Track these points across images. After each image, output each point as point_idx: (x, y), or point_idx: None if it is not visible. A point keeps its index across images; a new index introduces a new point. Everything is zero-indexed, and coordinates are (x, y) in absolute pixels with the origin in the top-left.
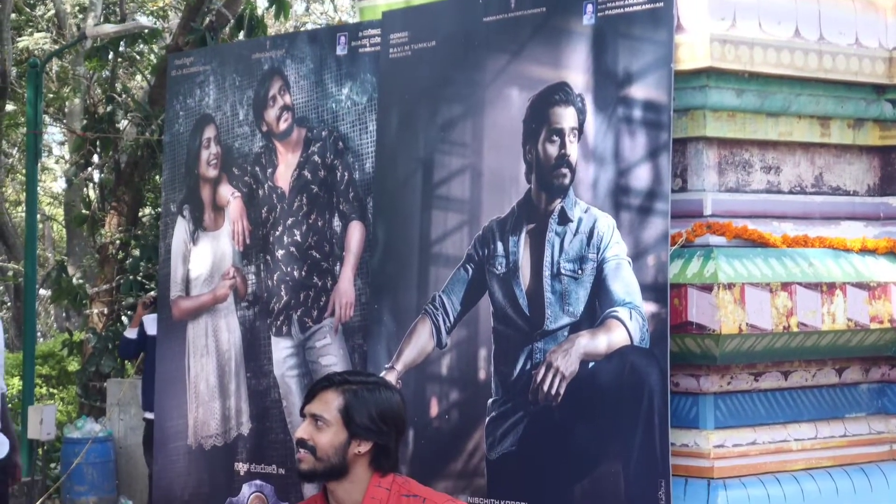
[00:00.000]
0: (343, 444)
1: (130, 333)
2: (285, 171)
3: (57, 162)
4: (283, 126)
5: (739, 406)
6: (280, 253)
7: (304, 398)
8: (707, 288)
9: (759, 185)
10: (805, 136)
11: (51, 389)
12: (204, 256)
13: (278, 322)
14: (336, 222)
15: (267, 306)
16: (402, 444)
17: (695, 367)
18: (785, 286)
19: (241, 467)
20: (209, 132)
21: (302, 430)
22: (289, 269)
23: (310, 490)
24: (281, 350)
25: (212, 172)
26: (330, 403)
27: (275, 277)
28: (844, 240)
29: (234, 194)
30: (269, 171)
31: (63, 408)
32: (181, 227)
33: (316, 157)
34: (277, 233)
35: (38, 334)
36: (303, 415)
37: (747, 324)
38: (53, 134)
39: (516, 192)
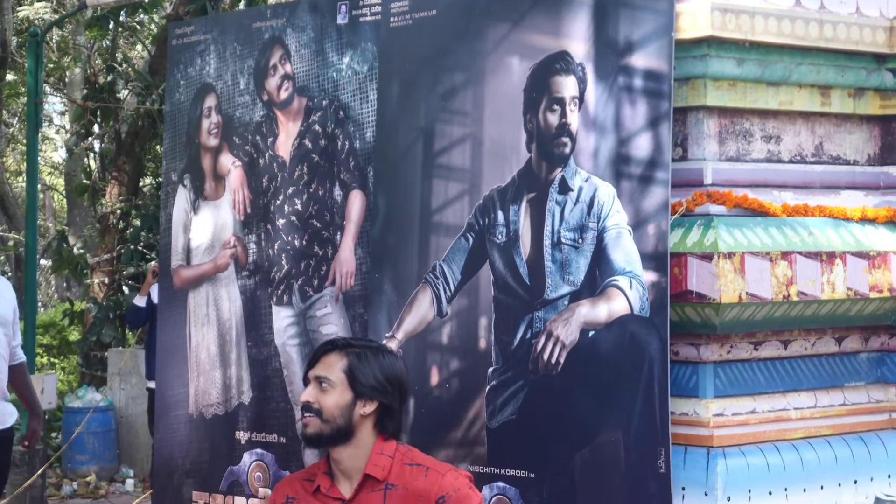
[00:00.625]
0: (349, 404)
1: (140, 302)
2: (286, 140)
3: (57, 132)
4: (283, 95)
5: (739, 375)
6: (281, 222)
7: (308, 363)
8: (707, 257)
9: (760, 155)
10: (805, 106)
11: (52, 359)
12: (205, 225)
13: (279, 291)
14: (337, 191)
15: (268, 275)
16: (404, 412)
17: (694, 337)
18: (785, 255)
19: (242, 436)
20: (210, 101)
21: (307, 394)
22: (289, 238)
23: (311, 458)
24: (282, 319)
25: (212, 141)
26: (334, 365)
27: (275, 246)
28: (844, 209)
29: (235, 163)
30: (270, 140)
31: (64, 377)
32: (182, 197)
33: (317, 127)
34: (278, 202)
35: (39, 304)
36: (306, 380)
37: (747, 293)
38: (54, 104)
39: (517, 161)
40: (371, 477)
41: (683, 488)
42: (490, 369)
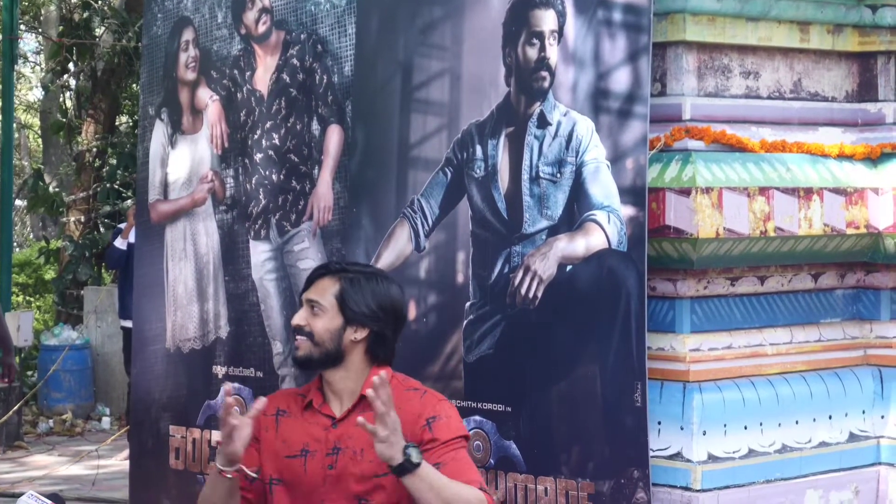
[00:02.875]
0: (338, 329)
1: (121, 245)
2: (264, 74)
3: (32, 70)
4: (261, 29)
5: (715, 310)
6: (258, 157)
7: (304, 286)
8: (685, 192)
9: (738, 91)
10: (784, 42)
11: (27, 298)
12: (182, 160)
13: (256, 226)
14: (315, 126)
15: (245, 210)
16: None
17: (672, 272)
18: (762, 191)
19: (220, 370)
20: (187, 35)
21: (298, 317)
22: (267, 172)
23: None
24: (259, 254)
25: (190, 76)
26: (327, 290)
27: (253, 181)
28: (822, 145)
29: (213, 97)
30: (248, 74)
31: (40, 316)
32: (159, 131)
33: (294, 61)
34: (256, 136)
35: (14, 244)
36: (300, 303)
37: (724, 228)
38: (28, 42)
39: (495, 96)
40: (365, 398)
41: (659, 422)
42: (467, 304)
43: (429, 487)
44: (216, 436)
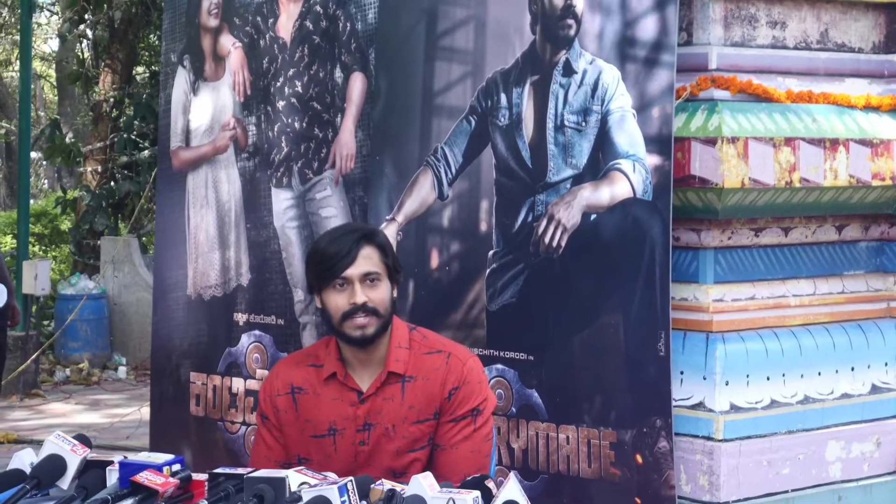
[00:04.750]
0: (391, 292)
1: None
2: (287, 21)
3: (48, 22)
4: None
5: (739, 261)
6: (281, 104)
7: (336, 265)
8: (710, 142)
9: (765, 41)
10: None
11: (43, 248)
12: (204, 107)
13: (279, 173)
14: (338, 73)
15: (267, 158)
16: (402, 296)
17: (696, 222)
18: (788, 141)
19: (241, 318)
20: None
21: (359, 294)
22: (289, 120)
23: (309, 340)
24: (281, 201)
25: (213, 22)
26: (373, 258)
27: (275, 129)
28: (849, 96)
29: (235, 44)
30: (271, 21)
31: (56, 266)
32: (181, 78)
33: (318, 7)
34: (278, 84)
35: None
36: (339, 282)
37: (750, 178)
38: None
39: (520, 44)
40: (392, 373)
41: (682, 372)
42: (490, 252)
43: None
44: (237, 383)
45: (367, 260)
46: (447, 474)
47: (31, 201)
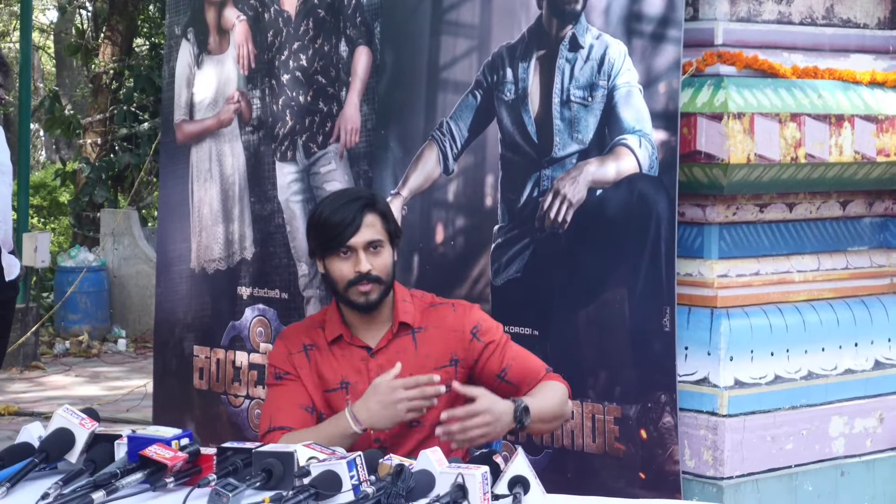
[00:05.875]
0: (392, 257)
1: None
2: None
3: None
4: None
5: (744, 237)
6: (285, 77)
7: (341, 234)
8: (717, 117)
9: (771, 16)
10: None
11: (42, 220)
12: (208, 80)
13: (283, 147)
14: (343, 47)
15: (272, 131)
16: (407, 270)
17: (701, 197)
18: (794, 117)
19: (244, 291)
20: None
21: (363, 263)
22: (294, 94)
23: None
24: (285, 175)
25: None
26: (376, 225)
27: (280, 102)
28: (854, 72)
29: (240, 17)
30: None
31: (55, 238)
32: (185, 51)
33: None
34: (283, 57)
35: None
36: (344, 251)
37: (756, 154)
38: None
39: (526, 18)
40: (404, 324)
41: (686, 347)
42: (496, 227)
43: (539, 421)
44: (240, 357)
45: (371, 228)
46: (531, 376)
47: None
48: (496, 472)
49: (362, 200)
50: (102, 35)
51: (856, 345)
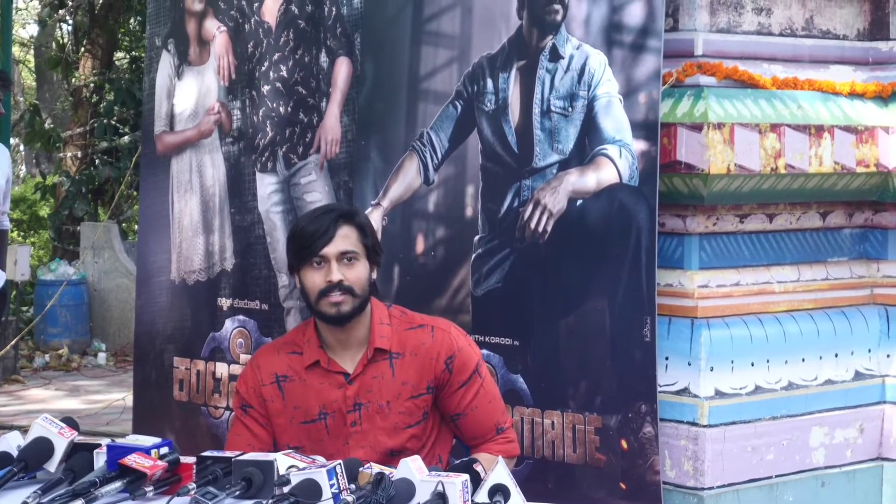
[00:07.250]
0: (369, 273)
1: None
2: (272, 5)
3: (26, 7)
4: None
5: (724, 247)
6: (266, 88)
7: (314, 244)
8: (697, 127)
9: (751, 27)
10: None
11: (22, 234)
12: (189, 91)
13: (263, 158)
14: (323, 58)
15: (252, 142)
16: (387, 280)
17: (681, 208)
18: (774, 127)
19: (224, 302)
20: None
21: (335, 273)
22: (274, 104)
23: (293, 325)
24: (266, 186)
25: (197, 6)
26: (351, 237)
27: (260, 113)
28: (833, 83)
29: (220, 28)
30: (256, 5)
31: (35, 252)
32: (166, 62)
33: None
34: (263, 68)
35: None
36: (317, 260)
37: (735, 164)
38: None
39: (507, 29)
40: (379, 349)
41: (667, 358)
42: (476, 237)
43: None
44: (220, 368)
45: (345, 239)
46: (480, 433)
47: None
48: (476, 481)
49: (338, 212)
50: (83, 48)
51: (836, 355)
